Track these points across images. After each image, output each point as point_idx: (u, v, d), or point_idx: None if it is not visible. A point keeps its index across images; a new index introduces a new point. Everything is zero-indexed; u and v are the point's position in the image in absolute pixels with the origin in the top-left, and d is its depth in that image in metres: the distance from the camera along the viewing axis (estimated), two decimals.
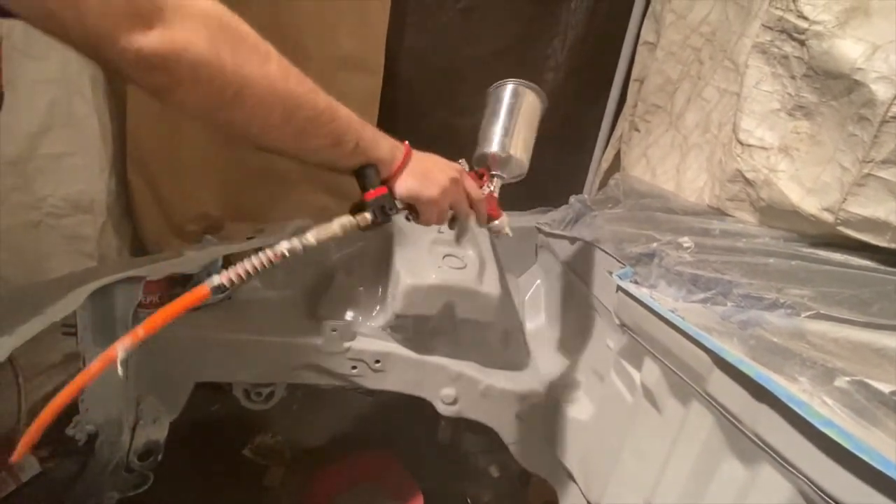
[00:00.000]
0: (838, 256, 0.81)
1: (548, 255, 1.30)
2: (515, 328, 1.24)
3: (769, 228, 0.94)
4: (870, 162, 0.73)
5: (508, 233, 0.79)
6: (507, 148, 0.77)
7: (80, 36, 0.40)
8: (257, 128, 0.52)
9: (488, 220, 0.77)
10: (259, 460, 1.51)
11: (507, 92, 0.80)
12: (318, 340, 1.09)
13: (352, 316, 1.14)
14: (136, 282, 0.94)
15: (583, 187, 1.73)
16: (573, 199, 1.24)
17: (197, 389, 1.12)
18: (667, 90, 1.31)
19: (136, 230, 1.50)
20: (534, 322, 1.30)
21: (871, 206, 0.74)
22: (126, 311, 0.95)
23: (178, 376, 1.10)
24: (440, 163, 0.67)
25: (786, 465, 0.52)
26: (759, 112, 0.91)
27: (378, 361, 1.11)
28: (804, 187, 0.83)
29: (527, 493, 1.44)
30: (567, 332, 1.17)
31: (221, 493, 1.39)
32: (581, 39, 1.62)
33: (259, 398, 1.20)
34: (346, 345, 1.10)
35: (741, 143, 0.93)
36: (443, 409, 1.12)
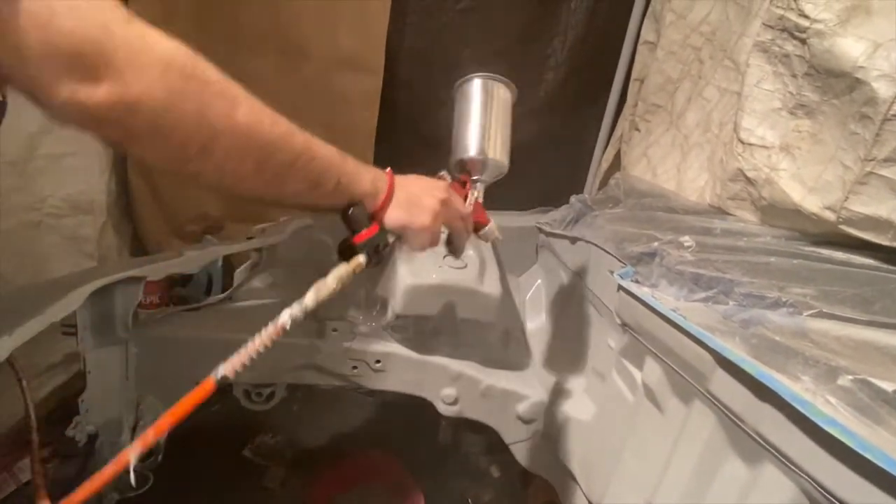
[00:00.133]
0: (840, 255, 0.81)
1: (548, 254, 1.30)
2: (516, 328, 1.24)
3: (770, 227, 0.94)
4: (871, 160, 0.72)
5: (498, 237, 0.77)
6: (486, 151, 0.74)
7: (21, 83, 0.37)
8: (229, 179, 0.48)
9: (477, 228, 0.75)
10: (259, 461, 1.51)
11: (475, 88, 0.76)
12: (319, 340, 1.09)
13: (352, 316, 1.14)
14: (136, 282, 0.94)
15: (583, 187, 1.73)
16: (574, 198, 1.24)
17: None
18: (667, 90, 1.31)
19: (136, 230, 1.50)
20: (534, 322, 1.30)
21: (872, 205, 0.74)
22: (126, 311, 0.95)
23: (179, 377, 1.08)
24: (425, 185, 0.64)
25: (789, 465, 0.51)
26: (760, 111, 0.91)
27: (378, 361, 1.10)
28: (806, 186, 0.83)
29: (527, 494, 1.43)
30: (568, 332, 1.16)
31: (222, 494, 1.38)
32: (581, 39, 1.62)
33: (259, 398, 1.20)
34: (347, 345, 1.09)
35: (742, 142, 0.93)
36: (443, 409, 1.12)
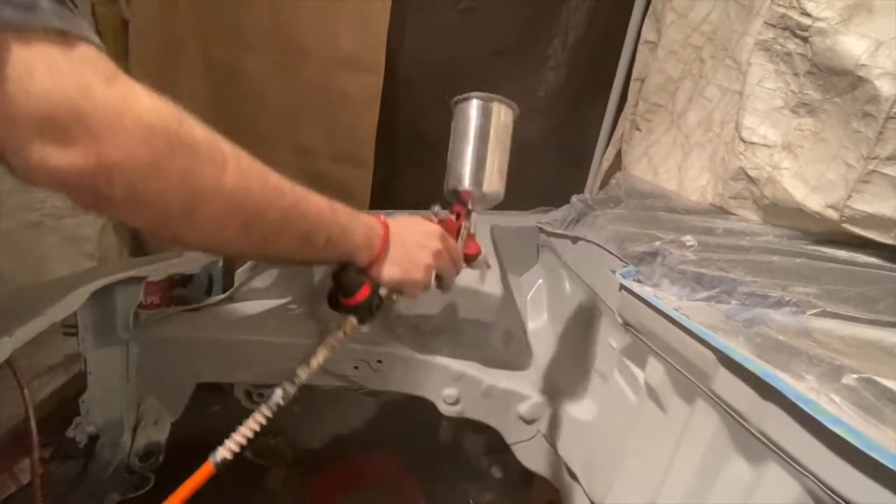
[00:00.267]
0: (843, 254, 0.81)
1: (549, 254, 1.30)
2: (517, 328, 1.24)
3: (773, 226, 0.93)
4: (874, 158, 0.72)
5: (489, 265, 0.75)
6: (482, 184, 0.70)
7: None
8: (213, 242, 0.46)
9: (469, 260, 0.73)
10: (260, 461, 1.50)
11: (474, 111, 0.70)
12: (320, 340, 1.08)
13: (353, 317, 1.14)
14: (136, 282, 0.94)
15: (584, 187, 1.72)
16: (575, 198, 1.23)
17: (198, 390, 1.12)
18: (668, 89, 1.31)
19: (136, 231, 1.50)
20: (536, 322, 1.30)
21: (876, 203, 0.73)
22: (127, 311, 0.95)
23: (179, 377, 1.10)
24: (420, 235, 0.63)
25: (793, 464, 0.51)
26: (762, 110, 0.91)
27: (380, 361, 1.10)
28: (808, 185, 0.83)
29: (529, 494, 1.43)
30: (569, 332, 1.16)
31: (223, 495, 1.38)
32: (582, 39, 1.62)
33: (261, 399, 1.19)
34: (348, 345, 1.09)
35: (744, 141, 0.93)
36: (445, 410, 1.12)
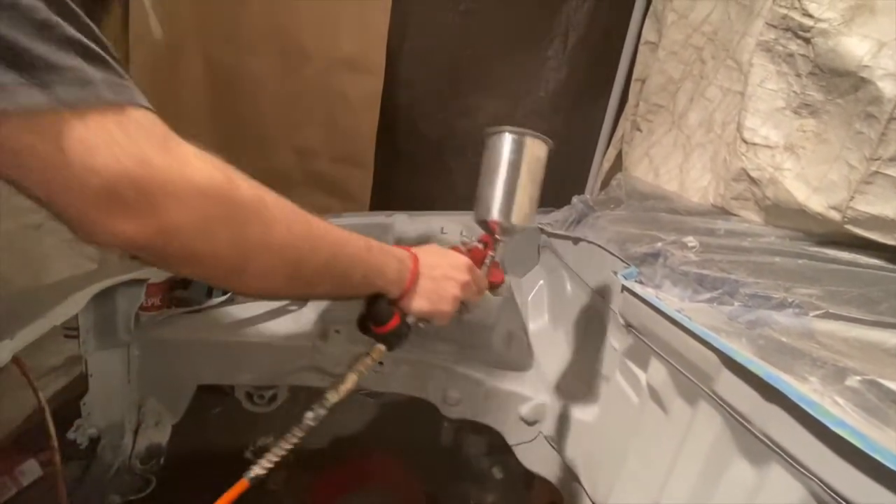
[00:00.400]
0: (846, 255, 0.81)
1: (550, 255, 1.29)
2: (518, 329, 1.23)
3: (775, 227, 0.93)
4: (877, 160, 0.72)
5: (508, 291, 0.76)
6: (510, 216, 0.71)
7: (56, 213, 0.35)
8: (263, 292, 0.50)
9: (492, 287, 0.75)
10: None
11: (505, 144, 0.70)
12: (321, 342, 1.08)
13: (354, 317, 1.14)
14: (138, 284, 0.94)
15: (584, 187, 1.72)
16: (575, 199, 1.23)
17: (199, 392, 1.12)
18: (669, 90, 1.31)
19: None
20: (537, 323, 1.29)
21: (878, 204, 0.73)
22: (128, 313, 0.95)
23: (180, 379, 1.10)
24: (448, 268, 0.64)
25: (797, 466, 0.51)
26: (763, 110, 0.91)
27: (381, 363, 1.10)
28: (810, 186, 0.82)
29: (531, 495, 1.43)
30: (571, 333, 1.16)
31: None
32: (582, 39, 1.62)
33: (262, 401, 1.20)
34: (349, 346, 1.09)
35: (746, 142, 0.93)
36: (446, 411, 1.12)
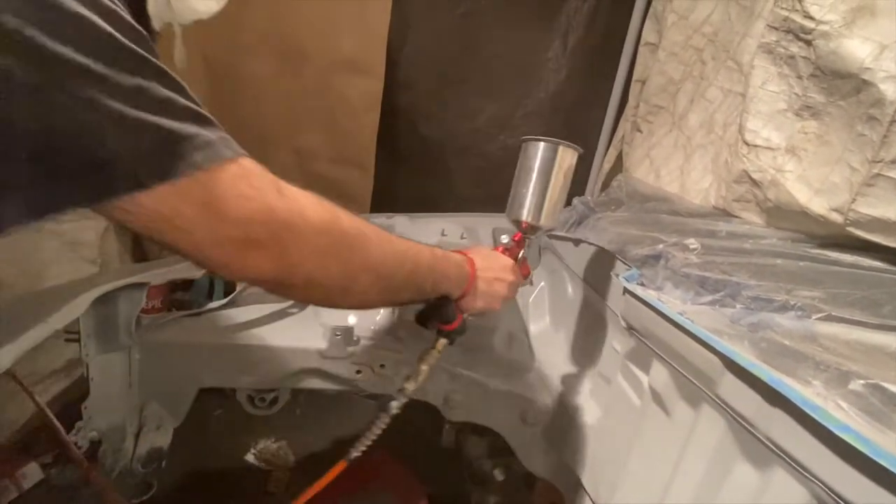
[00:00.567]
0: (848, 257, 0.80)
1: (551, 256, 1.29)
2: (519, 331, 1.23)
3: (776, 229, 0.93)
4: (879, 162, 0.72)
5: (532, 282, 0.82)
6: (539, 218, 0.80)
7: (198, 261, 0.42)
8: (361, 305, 0.58)
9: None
10: (263, 465, 1.50)
11: (540, 152, 0.79)
12: (322, 345, 1.08)
13: (355, 320, 1.14)
14: (139, 288, 0.94)
15: (585, 189, 1.72)
16: (576, 200, 1.23)
17: (200, 395, 1.12)
18: (669, 91, 1.31)
19: (137, 235, 1.49)
20: (538, 325, 1.29)
21: (880, 207, 0.73)
22: (129, 317, 0.95)
23: (182, 383, 1.09)
24: (499, 270, 0.72)
25: (800, 470, 0.51)
26: (765, 112, 0.90)
27: (382, 366, 1.10)
28: (812, 188, 0.82)
29: (532, 497, 1.43)
30: (572, 335, 1.16)
31: (225, 499, 1.38)
32: (582, 41, 1.62)
33: (263, 404, 1.19)
34: (350, 349, 1.09)
35: (747, 144, 0.93)
36: (447, 413, 1.12)
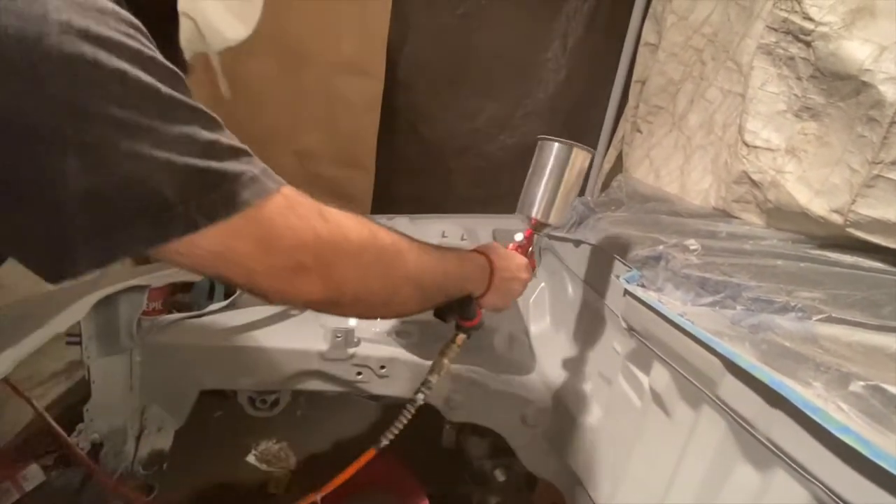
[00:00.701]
0: (848, 258, 0.81)
1: (552, 257, 1.29)
2: (520, 332, 1.24)
3: (776, 230, 0.93)
4: (879, 163, 0.72)
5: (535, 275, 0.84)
6: (549, 216, 0.82)
7: (250, 290, 0.44)
8: (401, 314, 0.61)
9: None
10: (264, 467, 1.50)
11: (554, 152, 0.81)
12: (323, 347, 1.08)
13: (356, 322, 1.14)
14: (140, 290, 0.94)
15: (585, 189, 1.72)
16: (576, 201, 1.23)
17: (201, 397, 1.12)
18: (669, 91, 1.31)
19: None
20: (538, 325, 1.30)
21: (880, 208, 0.73)
22: (130, 320, 0.95)
23: (183, 385, 1.09)
24: (515, 269, 0.74)
25: (801, 471, 0.51)
26: (764, 113, 0.91)
27: (383, 367, 1.10)
28: (812, 189, 0.82)
29: (532, 498, 1.43)
30: (572, 336, 1.16)
31: (226, 500, 1.38)
32: (582, 41, 1.62)
33: (264, 405, 1.20)
34: (351, 351, 1.09)
35: (747, 145, 0.93)
36: (448, 414, 1.12)
